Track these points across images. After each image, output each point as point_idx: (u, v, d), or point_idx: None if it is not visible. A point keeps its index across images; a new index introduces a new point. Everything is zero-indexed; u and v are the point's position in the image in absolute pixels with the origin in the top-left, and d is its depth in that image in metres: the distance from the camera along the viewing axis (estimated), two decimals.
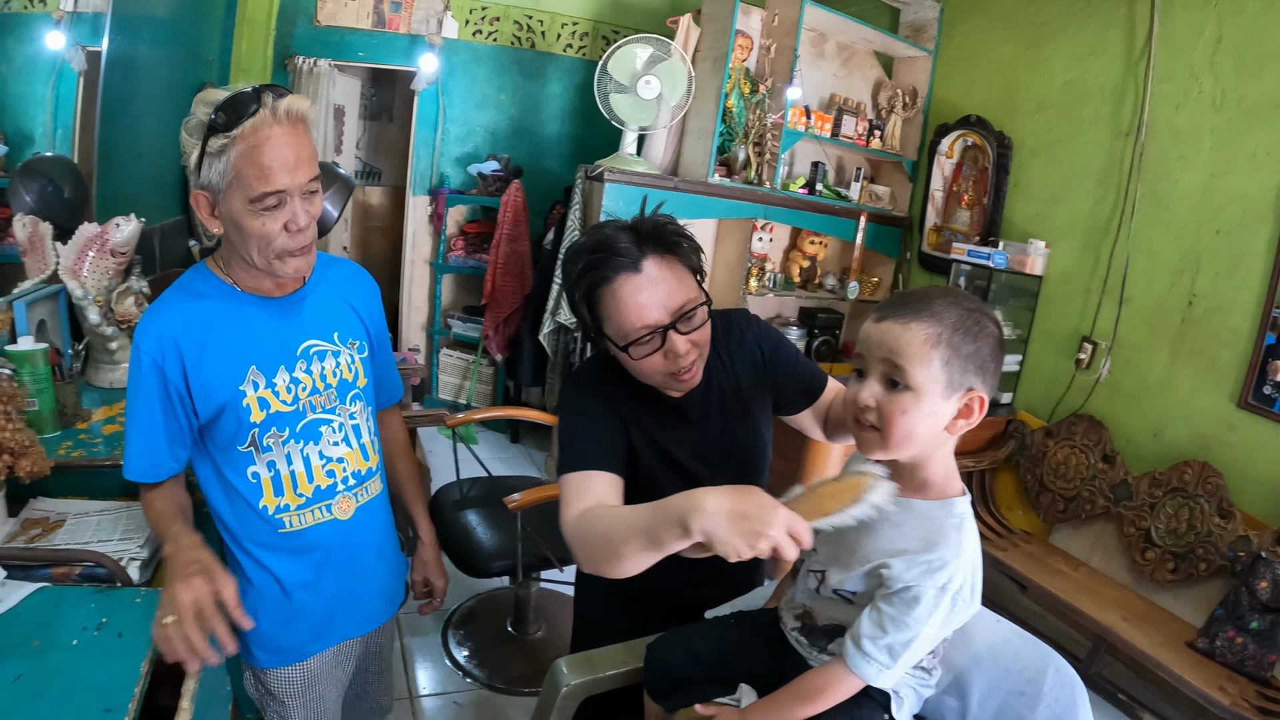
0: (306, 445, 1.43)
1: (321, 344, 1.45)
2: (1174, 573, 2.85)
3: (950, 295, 1.09)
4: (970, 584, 1.09)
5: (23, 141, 2.34)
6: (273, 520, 1.41)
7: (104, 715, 1.00)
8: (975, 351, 1.04)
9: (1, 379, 1.55)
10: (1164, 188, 3.08)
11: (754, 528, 1.00)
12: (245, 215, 1.25)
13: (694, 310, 1.32)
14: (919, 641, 1.08)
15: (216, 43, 4.05)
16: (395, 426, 1.76)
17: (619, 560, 1.19)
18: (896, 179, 4.40)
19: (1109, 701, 2.80)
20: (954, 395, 1.05)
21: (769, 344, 1.57)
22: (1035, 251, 3.47)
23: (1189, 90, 3.00)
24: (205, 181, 1.24)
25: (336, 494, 1.47)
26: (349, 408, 1.50)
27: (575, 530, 1.29)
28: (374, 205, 5.99)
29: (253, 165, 1.21)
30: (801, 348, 4.32)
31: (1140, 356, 3.17)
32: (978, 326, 1.05)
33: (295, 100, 1.25)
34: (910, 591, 1.06)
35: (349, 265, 1.62)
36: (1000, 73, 3.82)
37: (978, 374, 1.05)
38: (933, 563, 1.06)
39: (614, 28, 4.80)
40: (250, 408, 1.36)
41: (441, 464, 3.87)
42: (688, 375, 1.35)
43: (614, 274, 1.29)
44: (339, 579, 1.50)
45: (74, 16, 2.45)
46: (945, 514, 1.10)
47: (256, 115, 1.20)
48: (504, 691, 2.65)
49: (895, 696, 1.21)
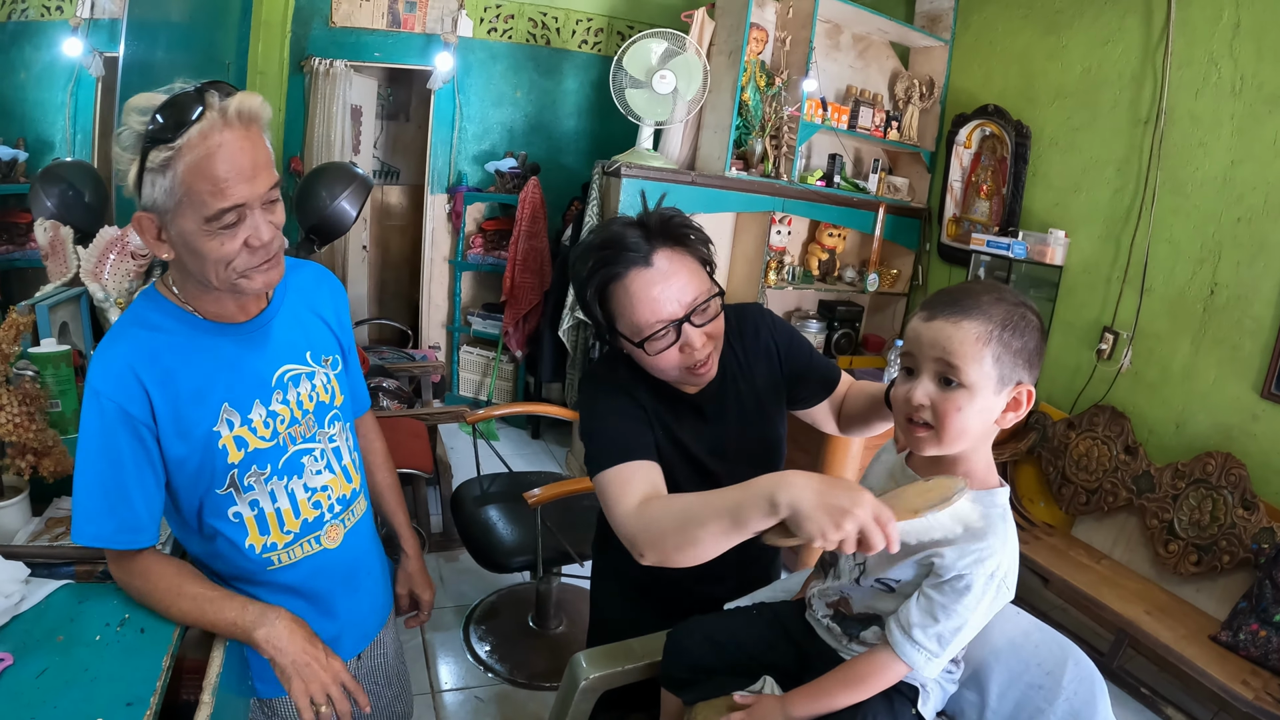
0: (290, 480, 1.31)
1: (296, 368, 1.33)
2: (1197, 565, 2.82)
3: (995, 291, 1.10)
4: (1013, 571, 1.12)
5: (43, 147, 2.36)
6: (260, 559, 1.30)
7: (126, 709, 1.02)
8: (1023, 346, 1.07)
9: (25, 381, 1.58)
10: (1184, 175, 3.05)
11: (842, 506, 0.99)
12: (200, 237, 1.10)
13: (707, 302, 1.31)
14: (966, 629, 1.11)
15: (233, 46, 4.08)
16: (371, 436, 1.66)
17: (696, 545, 1.16)
18: (914, 170, 4.37)
19: (1132, 695, 2.78)
20: (1005, 390, 1.08)
21: (783, 338, 1.57)
22: (1055, 241, 3.45)
23: (1208, 76, 2.97)
24: (149, 202, 1.08)
25: (324, 524, 1.37)
26: (328, 430, 1.39)
27: (639, 521, 1.24)
28: (393, 204, 6.02)
29: (205, 179, 1.05)
30: (822, 341, 4.31)
31: (1162, 346, 3.14)
32: (1024, 321, 1.07)
33: (246, 98, 1.09)
34: (963, 580, 1.08)
35: (312, 268, 1.46)
36: (1017, 61, 3.79)
37: (1026, 367, 1.08)
38: (983, 551, 1.08)
39: (629, 23, 4.80)
40: (227, 449, 1.23)
41: (463, 460, 3.90)
42: (703, 369, 1.35)
43: (625, 269, 1.29)
44: (334, 604, 1.42)
45: (91, 23, 2.48)
46: (989, 504, 1.12)
47: (203, 119, 1.05)
48: (525, 686, 2.67)
49: (923, 691, 1.23)
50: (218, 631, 1.20)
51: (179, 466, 1.21)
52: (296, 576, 1.35)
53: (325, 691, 1.17)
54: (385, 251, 6.03)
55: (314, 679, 1.17)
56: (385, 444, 1.70)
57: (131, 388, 1.15)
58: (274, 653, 1.16)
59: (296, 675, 1.16)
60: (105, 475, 1.16)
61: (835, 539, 0.99)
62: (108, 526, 1.16)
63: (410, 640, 2.82)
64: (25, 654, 1.11)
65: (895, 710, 1.20)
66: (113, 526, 1.16)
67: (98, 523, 1.16)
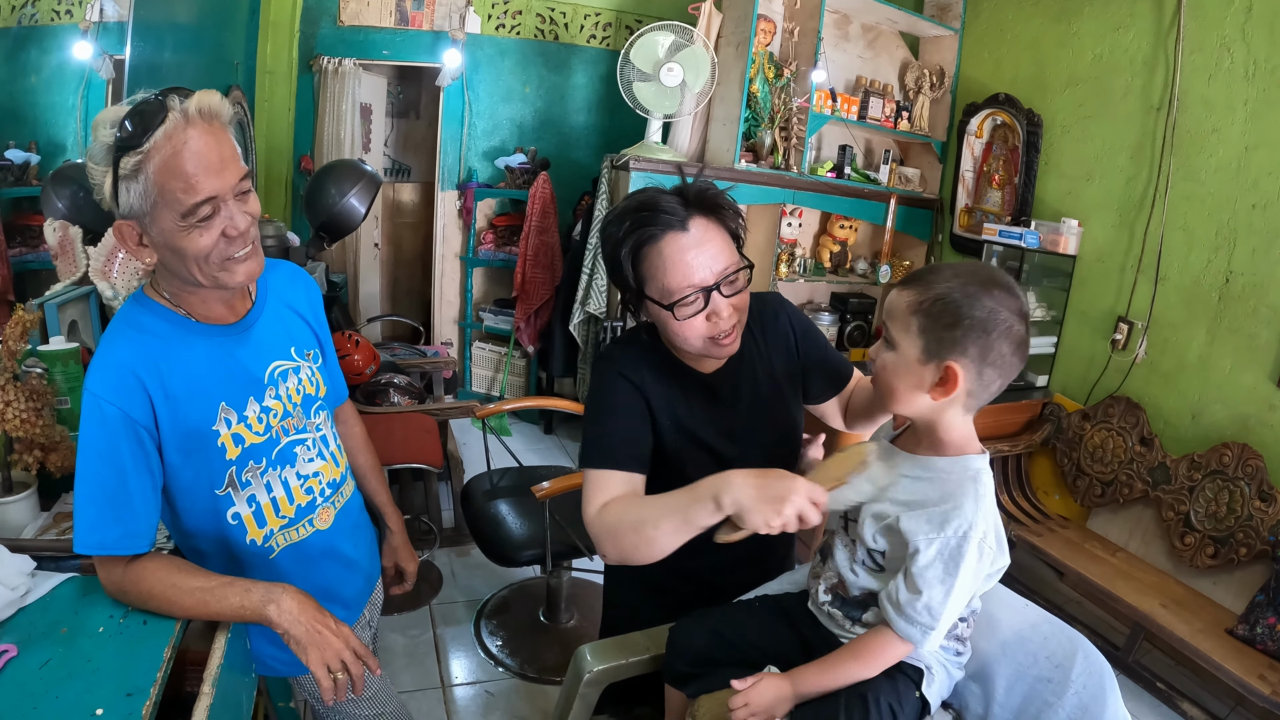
0: (284, 469, 1.38)
1: (284, 363, 1.39)
2: (1213, 558, 2.79)
3: (964, 273, 1.13)
4: (994, 533, 1.14)
5: (55, 150, 2.37)
6: (262, 549, 1.36)
7: (126, 699, 1.03)
8: (953, 324, 1.09)
9: (33, 377, 1.59)
10: (1198, 162, 3.01)
11: (779, 495, 1.10)
12: (178, 235, 1.13)
13: (737, 273, 1.34)
14: (956, 595, 1.12)
15: (241, 46, 4.09)
16: (351, 422, 1.73)
17: (650, 544, 1.25)
18: (926, 160, 4.34)
19: (1147, 690, 2.75)
20: (931, 363, 1.12)
21: (800, 328, 1.59)
22: (1068, 230, 3.42)
23: (1220, 61, 2.93)
24: (126, 209, 1.13)
25: (317, 508, 1.44)
26: (314, 420, 1.45)
27: (599, 522, 1.33)
28: (404, 202, 6.04)
29: (175, 176, 1.09)
30: (834, 333, 4.28)
31: (1177, 336, 3.11)
32: (965, 300, 1.09)
33: (205, 95, 1.13)
34: (931, 546, 1.11)
35: (287, 267, 1.52)
36: (1028, 49, 3.76)
37: (955, 350, 1.10)
38: (948, 513, 1.11)
39: (636, 17, 4.78)
40: (225, 447, 1.27)
41: (474, 456, 3.91)
42: (727, 340, 1.37)
43: (661, 232, 1.31)
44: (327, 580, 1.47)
45: (100, 26, 2.49)
46: (960, 468, 1.16)
47: (167, 121, 1.09)
48: (536, 680, 2.67)
49: (927, 672, 1.23)
50: (225, 620, 1.21)
51: (177, 471, 1.24)
52: (291, 560, 1.40)
53: (339, 658, 1.19)
54: (397, 249, 6.05)
55: (328, 647, 1.18)
56: (364, 429, 1.77)
57: (134, 391, 1.17)
58: (288, 625, 1.18)
59: (312, 646, 1.18)
60: (108, 481, 1.17)
61: (778, 524, 1.10)
62: (112, 533, 1.17)
63: (422, 635, 2.84)
64: (29, 645, 1.12)
65: (900, 692, 1.21)
66: (117, 533, 1.18)
67: (102, 530, 1.17)
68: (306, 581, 1.36)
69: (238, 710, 1.26)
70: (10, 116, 2.22)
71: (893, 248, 4.29)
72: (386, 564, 1.75)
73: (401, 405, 3.37)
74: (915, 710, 1.22)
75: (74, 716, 0.99)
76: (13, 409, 1.51)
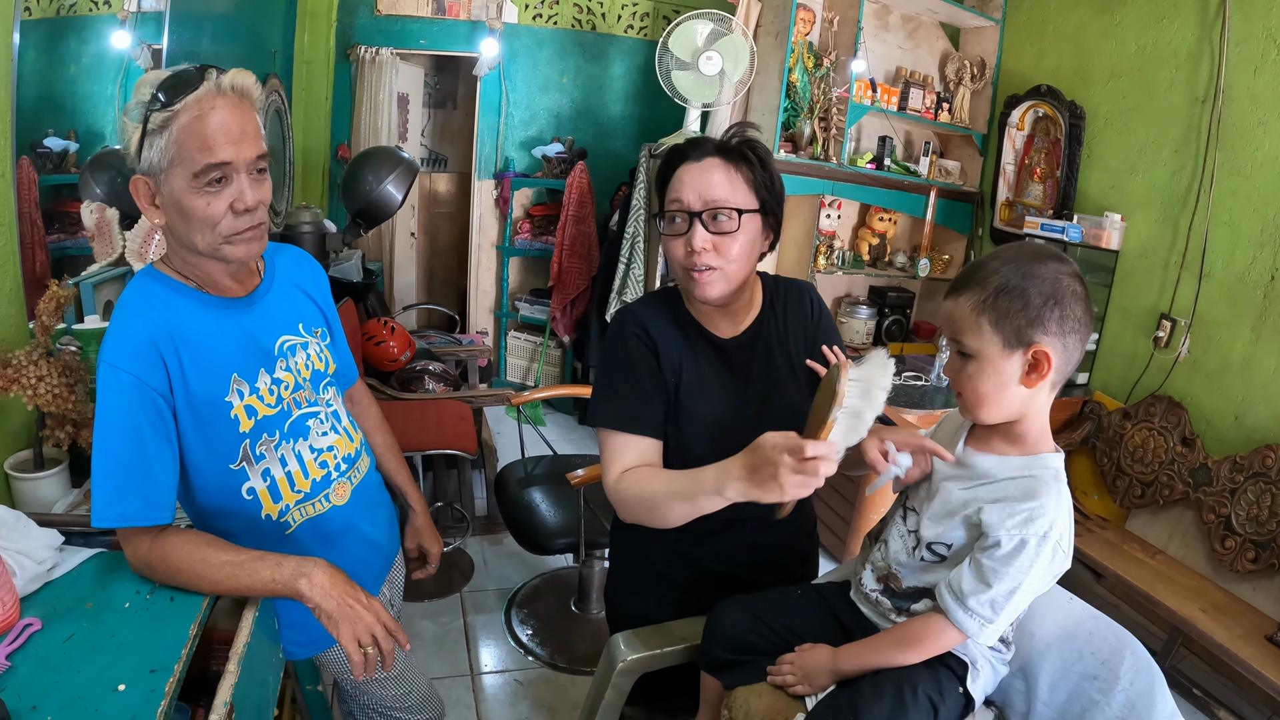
0: (297, 443, 1.38)
1: (292, 338, 1.41)
2: (1254, 562, 2.74)
3: (1006, 255, 1.12)
4: (1069, 536, 1.12)
5: (93, 139, 2.40)
6: (278, 524, 1.36)
7: (150, 675, 1.03)
8: (1025, 306, 1.07)
9: (66, 354, 1.61)
10: (1244, 156, 2.95)
11: (769, 472, 1.08)
12: (188, 194, 1.16)
13: (729, 211, 1.38)
14: (1020, 594, 1.10)
15: (279, 35, 4.13)
16: (365, 402, 1.74)
17: (662, 521, 1.32)
18: (966, 153, 4.29)
19: (1184, 697, 2.70)
20: (1015, 352, 1.09)
21: (821, 318, 1.60)
22: (1111, 225, 3.36)
23: (1267, 53, 2.86)
24: (146, 164, 1.16)
25: (332, 482, 1.44)
26: (324, 395, 1.46)
27: (617, 491, 1.41)
28: (441, 191, 6.06)
29: (195, 136, 1.14)
30: (872, 327, 4.24)
31: (1221, 334, 3.05)
32: (1025, 280, 1.07)
33: (239, 74, 1.19)
34: (1013, 541, 1.09)
35: (293, 251, 1.54)
36: (1070, 40, 3.69)
37: (1036, 330, 1.08)
38: (1034, 510, 1.09)
39: (674, 6, 4.76)
40: (238, 418, 1.28)
41: (508, 445, 3.93)
42: (700, 277, 1.40)
43: (682, 159, 1.42)
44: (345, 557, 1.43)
45: (138, 16, 2.52)
46: (1041, 466, 1.14)
47: (200, 89, 1.14)
48: (566, 670, 2.68)
49: (972, 668, 1.22)
50: (254, 594, 1.22)
51: (192, 444, 1.25)
52: (309, 536, 1.40)
53: (370, 633, 1.19)
54: (433, 238, 6.08)
55: (359, 621, 1.19)
56: (379, 409, 1.79)
57: (151, 359, 1.19)
58: (319, 599, 1.18)
59: (344, 620, 1.18)
60: (128, 451, 1.17)
61: (789, 496, 1.08)
62: (133, 505, 1.17)
63: (452, 622, 2.85)
64: (54, 619, 1.13)
65: (942, 685, 1.20)
66: (138, 504, 1.18)
67: (123, 502, 1.17)
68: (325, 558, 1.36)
69: (263, 689, 1.26)
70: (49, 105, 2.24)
71: (932, 241, 4.24)
72: (410, 545, 1.76)
73: (436, 392, 3.39)
74: (957, 705, 1.21)
75: (96, 691, 1.00)
76: (45, 384, 1.53)
